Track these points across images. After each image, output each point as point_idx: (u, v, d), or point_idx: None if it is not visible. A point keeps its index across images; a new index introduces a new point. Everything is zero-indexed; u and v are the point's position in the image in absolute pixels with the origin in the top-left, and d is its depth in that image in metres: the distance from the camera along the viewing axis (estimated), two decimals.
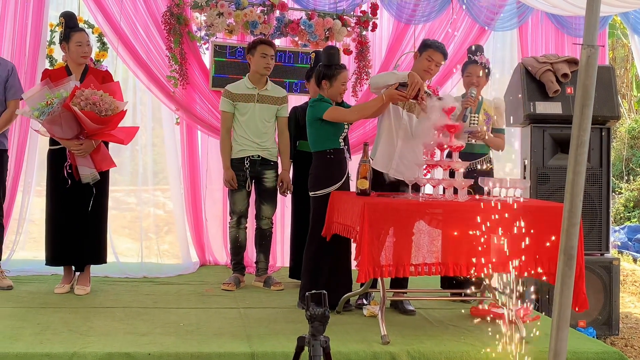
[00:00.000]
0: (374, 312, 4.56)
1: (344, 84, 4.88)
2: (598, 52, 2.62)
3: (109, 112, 4.85)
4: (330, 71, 4.82)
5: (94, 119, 4.79)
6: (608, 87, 5.62)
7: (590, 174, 5.53)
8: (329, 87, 4.82)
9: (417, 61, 4.95)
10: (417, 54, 4.97)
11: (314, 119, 4.79)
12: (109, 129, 4.94)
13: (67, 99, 4.77)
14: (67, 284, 5.18)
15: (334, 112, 4.73)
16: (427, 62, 4.85)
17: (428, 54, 4.86)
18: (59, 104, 4.80)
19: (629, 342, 5.64)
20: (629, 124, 12.99)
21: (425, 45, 4.93)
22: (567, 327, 2.75)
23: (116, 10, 6.17)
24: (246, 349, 3.72)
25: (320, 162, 4.84)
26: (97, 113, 4.79)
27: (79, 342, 3.75)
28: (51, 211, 5.16)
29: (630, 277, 8.07)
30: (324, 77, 4.83)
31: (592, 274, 5.42)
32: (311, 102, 4.90)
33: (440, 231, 4.05)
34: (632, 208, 11.50)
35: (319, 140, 4.83)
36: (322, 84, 4.85)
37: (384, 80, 4.76)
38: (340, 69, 4.87)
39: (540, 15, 7.19)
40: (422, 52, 4.91)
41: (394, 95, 4.60)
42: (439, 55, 4.88)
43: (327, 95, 4.84)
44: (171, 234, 6.77)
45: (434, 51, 4.86)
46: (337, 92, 4.85)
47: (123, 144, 5.31)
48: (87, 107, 4.77)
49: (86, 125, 4.81)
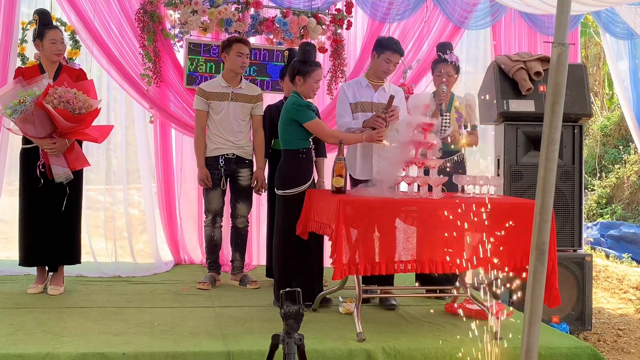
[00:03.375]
0: (349, 310, 4.57)
1: (317, 82, 4.88)
2: (568, 50, 2.65)
3: (82, 110, 4.81)
4: (305, 67, 4.81)
5: (67, 117, 4.74)
6: (580, 85, 5.68)
7: (562, 171, 5.58)
8: (303, 83, 4.82)
9: (376, 62, 5.07)
10: (375, 54, 5.06)
11: (293, 120, 4.77)
12: (82, 127, 4.89)
13: (40, 97, 4.72)
14: (40, 284, 5.13)
15: (316, 127, 4.77)
16: (386, 64, 5.02)
17: (386, 56, 5.00)
18: (31, 102, 4.75)
19: (602, 337, 5.71)
20: (601, 121, 13.14)
21: (382, 46, 5.03)
22: (539, 323, 2.78)
23: (89, 8, 6.11)
24: (222, 348, 3.72)
25: (291, 161, 4.83)
26: (70, 111, 4.74)
27: (52, 343, 3.72)
28: (24, 211, 5.10)
29: (602, 273, 8.18)
30: (298, 73, 4.82)
31: (565, 270, 5.47)
32: (296, 105, 4.79)
33: (416, 228, 4.06)
34: (604, 205, 11.65)
35: (292, 140, 4.82)
36: (295, 79, 4.84)
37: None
38: (315, 66, 4.87)
39: (513, 14, 7.25)
40: (380, 53, 5.02)
41: (373, 137, 4.76)
42: (397, 57, 5.06)
43: (299, 91, 4.83)
44: (146, 233, 6.72)
45: (392, 53, 5.01)
46: (310, 90, 4.85)
47: (97, 142, 5.27)
48: (60, 105, 4.71)
49: (59, 124, 4.76)
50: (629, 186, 11.56)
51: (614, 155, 12.39)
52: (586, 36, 12.96)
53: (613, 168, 12.11)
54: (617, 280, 7.90)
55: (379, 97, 5.09)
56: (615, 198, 11.68)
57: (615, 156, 12.36)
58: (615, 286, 7.70)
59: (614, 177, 11.93)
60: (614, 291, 7.54)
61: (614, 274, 8.10)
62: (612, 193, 11.79)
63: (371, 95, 5.10)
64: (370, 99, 5.08)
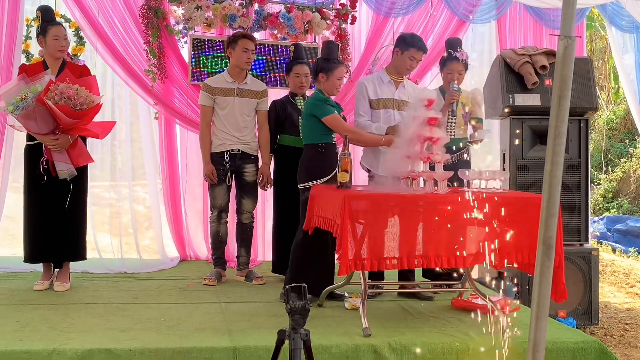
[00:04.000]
0: (355, 305, 4.56)
1: (340, 79, 4.92)
2: (575, 43, 2.63)
3: (84, 106, 4.79)
4: (328, 65, 4.86)
5: (68, 113, 4.73)
6: (586, 78, 5.65)
7: (568, 165, 5.56)
8: (325, 80, 4.86)
9: (399, 59, 5.01)
10: (398, 51, 5.00)
11: (312, 115, 4.81)
12: (83, 123, 4.88)
13: (42, 93, 4.71)
14: (47, 280, 5.14)
15: (333, 121, 4.77)
16: (410, 61, 4.97)
17: (410, 53, 4.95)
18: (33, 98, 4.74)
19: (608, 331, 5.69)
20: (607, 115, 13.10)
21: (406, 43, 4.96)
22: (546, 317, 2.77)
23: (93, 4, 6.11)
24: (228, 344, 3.71)
25: (311, 155, 4.86)
26: (71, 107, 4.73)
27: (58, 339, 3.72)
28: (29, 208, 5.11)
29: (609, 267, 8.15)
30: (321, 70, 4.87)
31: (572, 264, 5.46)
32: (315, 99, 4.84)
33: (422, 223, 4.05)
34: (610, 199, 11.62)
35: (313, 134, 4.85)
36: (318, 76, 4.89)
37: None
38: (338, 63, 4.91)
39: (518, 8, 7.22)
40: (404, 50, 4.96)
41: (391, 142, 4.65)
42: (421, 54, 5.01)
43: (322, 89, 4.88)
44: (152, 229, 6.73)
45: (416, 51, 4.96)
46: (333, 87, 4.89)
47: (98, 138, 5.25)
48: (61, 101, 4.71)
49: (61, 120, 4.75)
50: (635, 180, 11.53)
51: (620, 149, 12.35)
52: (592, 30, 12.90)
53: (619, 162, 12.07)
54: (623, 274, 7.88)
55: (399, 94, 5.08)
56: (621, 192, 11.65)
57: (621, 150, 12.32)
58: (622, 280, 7.68)
59: (620, 171, 11.89)
60: (621, 285, 7.52)
61: (620, 268, 8.08)
62: (618, 187, 11.75)
63: (392, 91, 5.08)
64: (391, 96, 5.07)
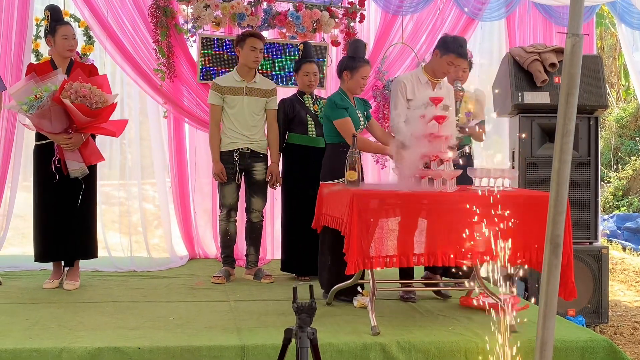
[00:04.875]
0: (364, 304, 4.56)
1: (364, 78, 4.92)
2: (582, 40, 2.62)
3: (99, 104, 4.82)
4: (353, 63, 4.88)
5: (85, 111, 4.75)
6: (596, 76, 5.63)
7: (578, 163, 5.54)
8: (350, 78, 4.89)
9: (437, 61, 4.86)
10: (438, 53, 4.85)
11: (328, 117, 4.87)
12: (99, 121, 4.90)
13: (57, 92, 4.73)
14: (57, 279, 5.16)
15: (341, 126, 4.80)
16: (447, 66, 4.81)
17: (450, 59, 4.80)
18: (48, 98, 4.76)
19: (618, 329, 5.67)
20: (617, 112, 13.04)
21: (446, 47, 4.80)
22: (554, 316, 2.76)
23: (102, 4, 6.13)
24: (236, 342, 3.72)
25: (332, 154, 4.89)
26: (88, 106, 4.76)
27: (68, 337, 3.74)
28: (39, 207, 5.13)
29: (619, 265, 8.12)
30: (346, 68, 4.90)
31: (582, 262, 5.44)
32: (331, 101, 4.87)
33: (429, 221, 4.04)
34: (620, 197, 11.56)
35: (332, 134, 4.90)
36: (343, 74, 4.92)
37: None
38: (364, 62, 4.91)
39: (528, 5, 7.20)
40: (443, 54, 4.80)
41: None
42: (461, 61, 4.86)
43: (346, 87, 4.91)
44: (161, 227, 6.75)
45: (455, 57, 4.79)
46: (357, 85, 4.91)
47: (115, 136, 5.32)
48: (77, 100, 4.73)
49: (77, 118, 4.77)
50: None
51: (630, 147, 12.29)
52: (602, 27, 12.84)
53: (629, 160, 12.01)
54: (633, 272, 7.84)
55: None
56: (631, 190, 11.59)
57: (631, 148, 12.26)
58: (632, 279, 7.65)
59: (630, 169, 11.83)
60: (631, 284, 7.49)
61: (630, 267, 8.05)
62: (628, 185, 11.69)
63: (429, 93, 4.87)
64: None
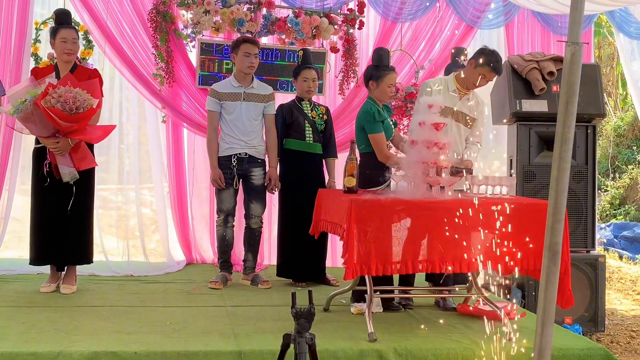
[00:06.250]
0: (361, 310, 4.56)
1: (390, 86, 4.91)
2: (582, 49, 2.63)
3: (80, 109, 4.71)
4: (378, 72, 4.87)
5: (61, 116, 4.65)
6: (594, 85, 5.65)
7: (576, 172, 5.55)
8: (376, 87, 4.89)
9: (470, 71, 4.83)
10: (473, 63, 4.81)
11: (363, 127, 4.86)
12: (80, 126, 4.81)
13: (39, 97, 4.70)
14: (53, 283, 5.14)
15: (375, 141, 4.81)
16: (479, 78, 4.79)
17: (484, 71, 4.77)
18: (30, 102, 4.73)
19: (615, 338, 5.68)
20: (615, 121, 13.07)
21: (482, 60, 4.75)
22: (552, 324, 2.76)
23: (102, 8, 6.14)
24: (233, 347, 3.72)
25: (366, 163, 4.84)
26: (66, 111, 4.64)
27: (64, 341, 3.73)
28: (34, 210, 5.12)
29: (615, 274, 8.13)
30: (371, 78, 4.89)
31: (578, 271, 5.45)
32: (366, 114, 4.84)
33: (427, 228, 4.04)
34: (617, 205, 11.58)
35: (369, 144, 4.87)
36: (369, 84, 4.91)
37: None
38: (389, 70, 4.89)
39: (526, 14, 7.23)
40: (478, 65, 4.76)
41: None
42: (494, 76, 4.85)
43: (374, 96, 4.91)
44: (158, 232, 6.75)
45: (489, 72, 4.77)
46: (384, 94, 4.90)
47: (92, 142, 5.08)
48: (57, 105, 4.65)
49: (56, 123, 4.71)
50: None
51: (627, 156, 12.31)
52: (600, 36, 12.89)
53: (626, 169, 12.04)
54: (630, 281, 7.86)
55: (461, 106, 4.93)
56: (628, 199, 11.61)
57: (628, 157, 12.29)
58: (629, 287, 7.66)
59: (627, 177, 11.86)
60: (627, 292, 7.50)
61: (627, 275, 8.06)
62: (625, 194, 11.72)
63: (455, 102, 4.91)
64: (452, 106, 4.89)
